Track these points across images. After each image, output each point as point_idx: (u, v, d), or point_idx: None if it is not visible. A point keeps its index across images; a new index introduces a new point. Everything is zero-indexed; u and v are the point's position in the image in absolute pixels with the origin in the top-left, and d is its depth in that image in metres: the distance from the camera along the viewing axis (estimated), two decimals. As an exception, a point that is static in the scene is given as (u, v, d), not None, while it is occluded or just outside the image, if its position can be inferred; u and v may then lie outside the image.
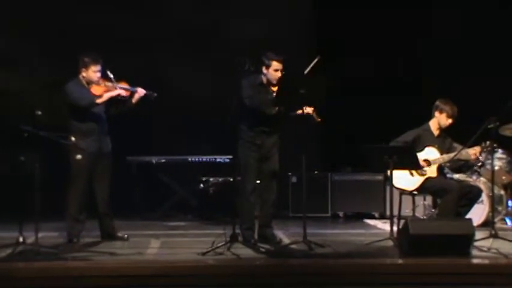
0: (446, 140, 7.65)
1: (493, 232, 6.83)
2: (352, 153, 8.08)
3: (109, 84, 7.30)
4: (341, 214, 9.94)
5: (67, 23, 9.75)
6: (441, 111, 7.61)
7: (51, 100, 7.86)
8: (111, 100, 7.29)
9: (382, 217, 9.59)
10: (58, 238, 7.38)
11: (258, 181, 7.32)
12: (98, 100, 7.22)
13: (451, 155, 7.42)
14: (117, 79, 7.32)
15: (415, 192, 7.57)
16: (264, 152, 7.20)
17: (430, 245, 6.30)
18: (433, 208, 8.77)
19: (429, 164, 7.43)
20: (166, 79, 9.71)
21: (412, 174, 7.46)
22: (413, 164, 7.23)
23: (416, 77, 9.78)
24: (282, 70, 7.14)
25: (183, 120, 9.93)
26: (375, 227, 8.94)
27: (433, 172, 7.44)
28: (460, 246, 6.39)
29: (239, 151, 7.22)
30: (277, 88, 7.13)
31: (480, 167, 8.81)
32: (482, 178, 8.73)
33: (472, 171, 8.84)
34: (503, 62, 9.55)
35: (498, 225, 8.16)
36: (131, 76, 7.52)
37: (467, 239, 6.43)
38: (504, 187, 8.83)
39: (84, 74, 7.31)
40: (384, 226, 8.64)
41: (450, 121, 7.60)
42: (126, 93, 7.37)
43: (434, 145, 7.53)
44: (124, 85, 7.38)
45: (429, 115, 7.70)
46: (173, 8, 10.10)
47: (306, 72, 7.02)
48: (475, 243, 6.57)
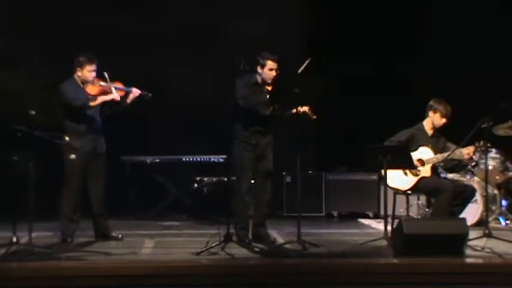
0: (440, 140, 7.66)
1: (487, 231, 6.85)
2: (346, 152, 8.09)
3: (104, 84, 7.29)
4: (335, 214, 9.95)
5: (67, 23, 9.73)
6: (435, 110, 7.62)
7: (46, 100, 7.83)
8: (105, 101, 7.28)
9: (376, 217, 9.60)
10: (52, 238, 7.36)
11: (253, 181, 7.33)
12: (92, 103, 7.22)
13: (445, 155, 7.43)
14: (113, 79, 7.31)
15: (409, 191, 7.58)
16: (259, 152, 7.20)
17: (424, 245, 6.30)
18: (427, 208, 8.79)
19: (423, 164, 7.44)
20: (165, 79, 9.69)
21: (406, 173, 7.47)
22: (407, 164, 7.24)
23: (415, 77, 9.77)
24: (277, 69, 7.14)
25: (178, 120, 9.91)
26: (369, 227, 8.95)
27: (427, 172, 7.45)
28: (454, 245, 6.40)
29: (234, 151, 7.22)
30: (271, 87, 7.14)
31: (474, 167, 8.83)
32: (476, 178, 8.76)
33: (466, 170, 8.86)
34: (502, 62, 9.56)
35: (492, 224, 8.17)
36: (131, 76, 7.52)
37: (461, 239, 6.44)
38: (498, 186, 8.85)
39: (79, 74, 7.30)
40: (378, 226, 8.65)
41: (444, 121, 7.61)
42: (120, 93, 7.36)
43: (428, 145, 7.54)
44: (119, 85, 7.38)
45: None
46: (173, 8, 10.08)
47: (299, 72, 7.02)
48: (469, 242, 6.58)
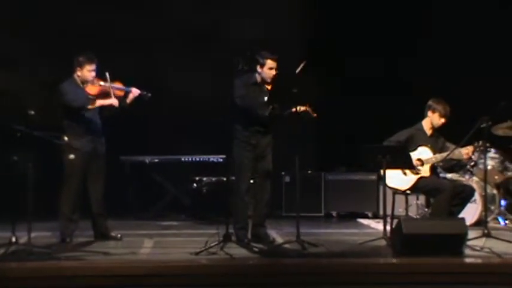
0: (439, 140, 7.67)
1: (486, 231, 6.84)
2: (345, 152, 8.09)
3: (104, 83, 7.29)
4: (334, 214, 9.95)
5: (67, 23, 9.73)
6: (434, 110, 7.63)
7: (45, 100, 7.82)
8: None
9: (375, 216, 9.61)
10: (51, 238, 7.36)
11: (252, 181, 7.33)
12: (89, 106, 7.21)
13: (444, 155, 7.43)
14: (113, 79, 7.31)
15: (408, 191, 7.59)
16: (259, 152, 7.20)
17: (423, 245, 6.30)
18: (426, 207, 8.79)
19: (422, 164, 7.44)
20: (164, 79, 9.68)
21: (405, 173, 7.47)
22: (406, 164, 7.25)
23: (415, 77, 9.77)
24: (277, 69, 7.14)
25: (177, 120, 9.90)
26: (368, 227, 8.95)
27: (426, 172, 7.45)
28: (453, 245, 6.40)
29: (234, 151, 7.21)
30: (271, 86, 7.14)
31: (473, 167, 8.83)
32: (475, 177, 8.76)
33: (465, 170, 8.86)
34: (502, 62, 9.55)
35: (491, 224, 8.19)
36: (131, 76, 7.51)
37: (460, 239, 6.44)
38: (497, 186, 8.85)
39: (79, 74, 7.30)
40: (377, 225, 8.65)
41: (443, 120, 7.62)
42: (120, 93, 7.36)
43: (427, 145, 7.54)
44: (119, 85, 7.38)
45: None
46: (173, 8, 10.07)
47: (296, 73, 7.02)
48: (468, 242, 6.58)
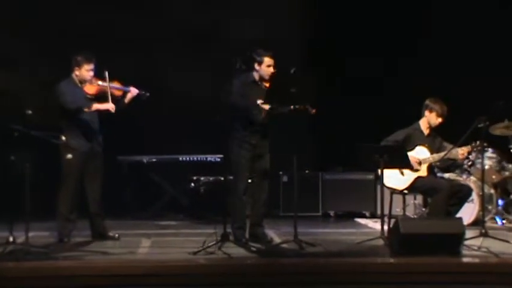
0: (436, 139, 7.67)
1: (483, 231, 6.84)
2: (343, 152, 8.08)
3: (102, 83, 7.29)
4: (332, 213, 9.96)
5: (67, 23, 9.72)
6: (431, 110, 7.63)
7: (43, 99, 7.82)
8: (103, 100, 7.27)
9: (373, 216, 9.61)
10: (49, 238, 7.35)
11: (250, 180, 7.33)
12: (86, 109, 7.21)
13: (441, 154, 7.44)
14: (112, 78, 7.31)
15: (406, 191, 7.59)
16: (257, 151, 7.19)
17: (421, 244, 6.31)
18: (424, 207, 8.79)
19: (420, 164, 7.44)
20: (162, 79, 9.68)
21: (403, 173, 7.47)
22: (403, 163, 7.25)
23: (415, 77, 9.77)
24: (274, 66, 7.15)
25: (175, 119, 9.90)
26: (366, 226, 8.96)
27: (424, 171, 7.46)
28: (451, 245, 6.40)
29: (232, 150, 7.20)
30: (269, 84, 7.14)
31: (470, 166, 8.84)
32: (472, 177, 8.76)
33: (462, 170, 8.87)
34: (502, 62, 9.55)
35: (488, 224, 8.19)
36: (130, 76, 7.51)
37: (457, 238, 6.45)
38: (494, 186, 8.86)
39: (77, 73, 7.29)
40: (375, 225, 8.66)
41: (440, 120, 7.62)
42: (118, 92, 7.36)
43: (424, 144, 7.55)
44: (117, 84, 7.38)
45: None
46: (173, 8, 10.07)
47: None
48: (465, 242, 6.58)
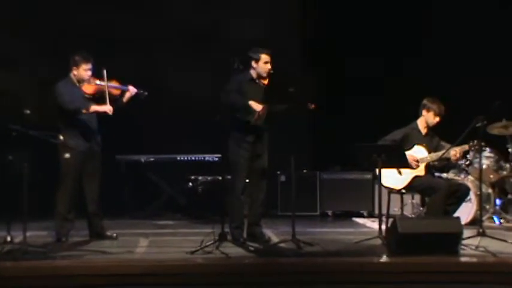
0: (433, 139, 7.68)
1: (481, 230, 6.84)
2: (340, 152, 8.08)
3: (100, 82, 7.29)
4: (330, 213, 9.97)
5: (67, 23, 9.71)
6: (428, 109, 7.64)
7: (41, 99, 7.82)
8: (101, 100, 7.28)
9: (370, 216, 9.63)
10: (47, 237, 7.35)
11: (247, 180, 7.33)
12: (84, 111, 7.20)
13: (439, 154, 7.45)
14: (112, 78, 7.31)
15: (404, 190, 7.59)
16: (255, 151, 7.19)
17: (419, 244, 6.31)
18: (421, 207, 8.80)
19: (417, 163, 7.45)
20: (161, 78, 9.69)
21: (400, 172, 7.48)
22: (401, 163, 7.25)
23: (415, 77, 9.77)
24: (271, 63, 7.15)
25: (173, 119, 9.90)
26: (364, 226, 8.97)
27: (421, 171, 7.46)
28: (448, 244, 6.41)
29: (230, 150, 7.20)
30: (267, 81, 7.14)
31: (468, 166, 8.85)
32: (470, 176, 8.78)
33: (460, 169, 8.88)
34: (502, 62, 9.56)
35: (486, 223, 8.20)
36: (129, 76, 7.50)
37: (455, 238, 6.45)
38: (492, 185, 8.87)
39: (75, 73, 7.29)
40: (373, 225, 8.66)
41: (437, 119, 7.63)
42: (117, 91, 7.36)
43: (422, 144, 7.55)
44: (115, 83, 7.38)
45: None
46: (173, 8, 10.08)
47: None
48: (463, 241, 6.59)
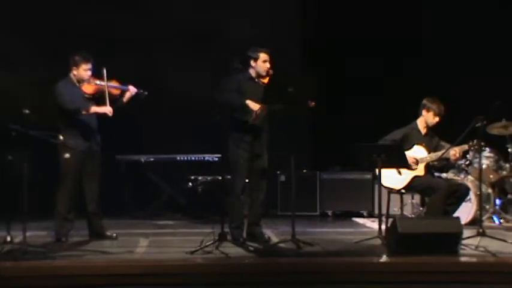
0: (433, 139, 7.68)
1: (481, 230, 6.84)
2: (340, 151, 8.08)
3: (100, 82, 7.29)
4: (330, 213, 9.97)
5: (67, 23, 9.70)
6: (428, 109, 7.64)
7: (41, 99, 7.81)
8: (101, 100, 7.27)
9: (370, 216, 9.62)
10: (46, 237, 7.36)
11: (247, 180, 7.32)
12: (84, 112, 7.20)
13: (439, 154, 7.45)
14: (112, 78, 7.31)
15: (403, 190, 7.59)
16: (255, 151, 7.19)
17: (418, 244, 6.31)
18: (421, 207, 8.81)
19: (417, 163, 7.45)
20: (161, 78, 9.68)
21: (400, 172, 7.48)
22: (401, 163, 7.25)
23: (415, 77, 9.77)
24: (270, 61, 7.14)
25: (173, 119, 9.89)
26: (364, 226, 8.97)
27: (421, 171, 7.46)
28: (448, 244, 6.41)
29: (229, 150, 7.20)
30: (267, 80, 7.14)
31: (468, 166, 8.85)
32: (470, 176, 8.78)
33: (460, 169, 8.88)
34: (502, 62, 9.55)
35: (486, 223, 8.20)
36: (130, 76, 7.51)
37: (455, 238, 6.45)
38: (492, 185, 8.87)
39: (75, 73, 7.29)
40: (373, 225, 8.66)
41: (437, 119, 7.63)
42: (116, 91, 7.37)
43: (421, 143, 7.55)
44: (115, 83, 7.38)
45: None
46: (173, 8, 10.07)
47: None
48: (463, 241, 6.59)
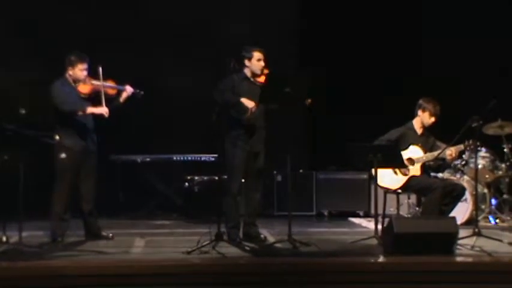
0: (429, 139, 7.69)
1: (477, 230, 6.85)
2: (337, 151, 8.08)
3: (96, 82, 7.28)
4: (326, 213, 9.97)
5: (64, 23, 9.68)
6: (424, 109, 7.66)
7: (37, 99, 7.80)
8: (97, 100, 7.27)
9: (366, 216, 9.63)
10: (42, 237, 7.34)
11: (244, 179, 7.33)
12: (80, 112, 7.20)
13: (435, 154, 7.46)
14: (109, 78, 7.31)
15: (399, 190, 7.60)
16: (252, 151, 7.19)
17: (414, 244, 6.32)
18: (417, 206, 8.81)
19: (413, 163, 7.46)
20: (157, 78, 9.66)
21: (396, 172, 7.49)
22: (397, 163, 7.26)
23: (414, 77, 9.77)
24: (265, 60, 7.15)
25: (169, 119, 9.89)
26: (360, 226, 8.97)
27: (417, 171, 7.48)
28: (444, 244, 6.42)
29: (226, 150, 7.20)
30: (263, 79, 7.14)
31: (464, 166, 8.86)
32: (465, 176, 8.79)
33: (456, 169, 8.89)
34: (502, 62, 9.56)
35: (481, 223, 8.22)
36: (127, 75, 7.50)
37: (451, 237, 6.46)
38: (487, 185, 8.88)
39: (70, 73, 7.28)
40: (369, 225, 8.67)
41: (433, 119, 7.65)
42: (113, 91, 7.36)
43: (418, 144, 7.57)
44: (111, 83, 7.37)
45: None
46: (172, 8, 10.06)
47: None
48: (459, 241, 6.60)
